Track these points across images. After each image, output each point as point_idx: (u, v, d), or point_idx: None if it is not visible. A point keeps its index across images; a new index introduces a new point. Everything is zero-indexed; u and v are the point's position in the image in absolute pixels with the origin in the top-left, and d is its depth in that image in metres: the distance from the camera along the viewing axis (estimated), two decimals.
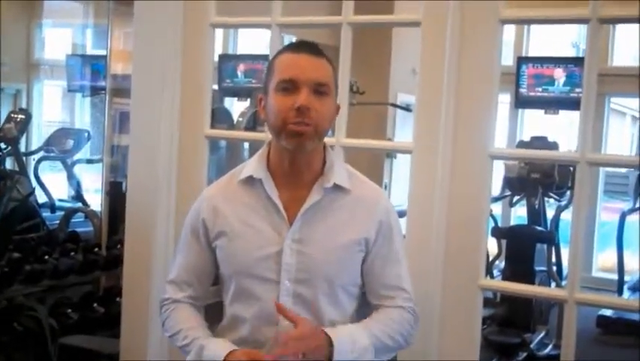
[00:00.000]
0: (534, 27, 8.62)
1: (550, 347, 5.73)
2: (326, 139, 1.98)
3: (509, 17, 2.52)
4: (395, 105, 7.73)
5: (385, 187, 7.34)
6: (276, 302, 1.87)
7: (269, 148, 1.99)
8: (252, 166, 1.98)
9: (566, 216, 5.10)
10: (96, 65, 6.67)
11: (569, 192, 6.00)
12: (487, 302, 4.08)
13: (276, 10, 2.77)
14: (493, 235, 6.11)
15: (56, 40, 8.60)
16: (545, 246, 6.04)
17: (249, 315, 1.96)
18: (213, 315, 2.14)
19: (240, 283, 1.97)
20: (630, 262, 7.63)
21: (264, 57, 4.32)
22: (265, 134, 2.00)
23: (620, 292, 6.85)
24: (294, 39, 3.40)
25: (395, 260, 2.02)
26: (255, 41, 7.91)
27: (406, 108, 7.41)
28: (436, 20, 2.50)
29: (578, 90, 5.27)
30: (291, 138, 1.85)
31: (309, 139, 1.86)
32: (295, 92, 1.84)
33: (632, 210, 7.11)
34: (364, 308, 2.07)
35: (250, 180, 1.97)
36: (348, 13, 2.64)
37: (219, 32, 6.90)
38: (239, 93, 6.53)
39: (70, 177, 7.23)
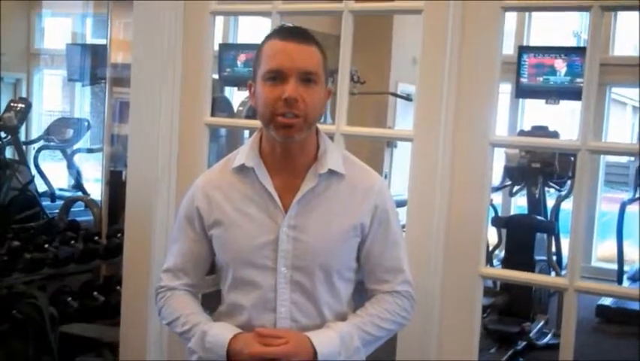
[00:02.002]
0: (535, 17, 8.61)
1: (549, 336, 5.75)
2: (326, 127, 1.96)
3: (511, 4, 2.51)
4: (396, 95, 7.72)
5: (386, 176, 7.35)
6: (256, 330, 1.87)
7: (261, 134, 1.97)
8: (244, 154, 1.96)
9: (567, 206, 5.10)
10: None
11: (569, 182, 6.00)
12: (487, 291, 4.08)
13: None
14: (493, 224, 6.11)
15: (56, 30, 8.60)
16: (545, 235, 6.05)
17: (247, 302, 1.95)
18: (211, 305, 2.13)
19: (237, 271, 1.96)
20: (630, 252, 7.64)
21: None
22: None
23: (619, 281, 6.87)
24: None
25: (392, 243, 2.01)
26: (255, 31, 7.90)
27: (407, 98, 7.40)
28: (438, 7, 2.49)
29: (578, 80, 5.27)
30: (280, 130, 1.83)
31: (299, 130, 1.84)
32: (283, 82, 1.81)
33: (632, 200, 7.12)
34: (360, 294, 2.07)
35: (243, 168, 1.96)
36: (349, 1, 2.63)
37: (219, 22, 6.90)
38: (239, 82, 6.52)
39: (70, 166, 7.25)
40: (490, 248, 6.02)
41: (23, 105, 7.09)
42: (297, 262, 1.91)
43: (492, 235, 6.00)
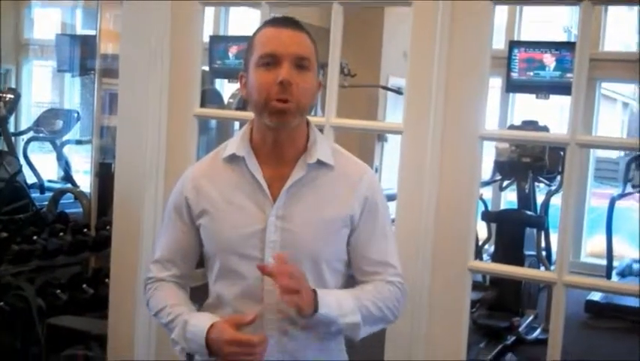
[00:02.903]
0: (526, 11, 8.61)
1: (538, 330, 5.76)
2: (315, 119, 1.96)
3: None
4: (386, 88, 7.72)
5: (376, 170, 7.35)
6: (258, 265, 1.84)
7: (251, 126, 1.97)
8: (235, 144, 1.96)
9: (556, 201, 5.10)
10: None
11: (559, 177, 6.01)
12: (476, 286, 4.09)
13: None
14: (483, 219, 6.12)
15: (46, 21, 8.55)
16: (535, 230, 6.06)
17: (234, 293, 1.95)
18: (200, 298, 2.12)
19: (224, 261, 1.96)
20: (619, 248, 7.67)
21: None
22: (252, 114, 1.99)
23: (608, 277, 6.87)
24: None
25: (381, 235, 2.01)
26: (245, 24, 7.88)
27: (398, 91, 7.39)
28: None
29: (569, 75, 5.26)
30: (274, 116, 1.83)
31: (292, 116, 1.84)
32: (277, 66, 1.82)
33: (621, 196, 7.13)
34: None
35: (233, 158, 1.96)
36: None
37: (210, 14, 6.88)
38: (230, 75, 6.50)
39: (60, 157, 7.21)
40: (480, 243, 6.02)
41: (12, 96, 7.06)
42: (285, 252, 1.90)
43: (482, 230, 6.00)
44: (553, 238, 6.18)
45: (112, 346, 3.11)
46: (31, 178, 6.71)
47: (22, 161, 6.71)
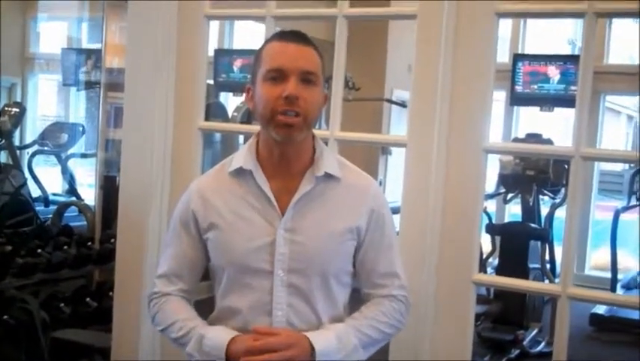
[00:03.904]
0: (530, 24, 8.63)
1: (542, 344, 5.75)
2: (320, 132, 1.97)
3: (506, 10, 2.51)
4: (391, 101, 7.73)
5: (380, 183, 7.34)
6: (253, 328, 1.86)
7: (257, 139, 1.98)
8: (242, 157, 1.97)
9: (560, 214, 5.10)
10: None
11: (563, 190, 6.00)
12: (480, 299, 4.08)
13: (271, 2, 2.76)
14: (487, 231, 6.11)
15: (51, 34, 8.59)
16: (539, 243, 6.05)
17: (243, 306, 1.95)
18: (204, 312, 2.12)
19: (232, 274, 1.96)
20: (623, 261, 7.64)
21: None
22: (258, 127, 1.99)
23: (613, 290, 6.86)
24: None
25: (387, 247, 2.02)
26: (250, 38, 7.91)
27: (402, 104, 7.40)
28: (432, 12, 2.49)
29: (573, 88, 5.27)
30: (280, 129, 1.84)
31: (298, 130, 1.85)
32: (283, 81, 1.83)
33: (625, 209, 7.12)
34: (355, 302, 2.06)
35: (240, 172, 1.96)
36: (343, 6, 2.63)
37: (214, 28, 6.89)
38: (234, 88, 6.52)
39: (64, 171, 7.22)
40: (484, 256, 6.02)
41: (18, 110, 7.08)
42: (294, 265, 1.91)
43: (486, 243, 5.99)
44: (558, 251, 6.17)
45: (116, 359, 3.11)
46: (35, 191, 6.72)
47: (26, 174, 6.73)
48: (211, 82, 6.27)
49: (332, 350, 1.86)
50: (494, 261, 6.55)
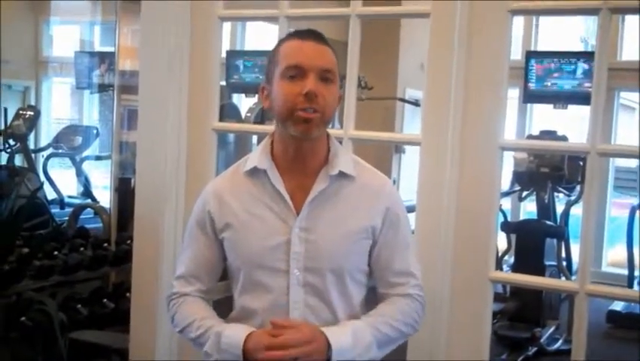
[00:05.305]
0: (543, 22, 8.59)
1: (560, 341, 5.72)
2: (334, 131, 1.98)
3: (519, 7, 2.49)
4: (404, 100, 7.72)
5: (394, 182, 7.32)
6: (271, 320, 1.86)
7: (272, 138, 1.99)
8: (256, 157, 1.98)
9: (576, 211, 5.07)
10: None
11: (578, 187, 5.97)
12: (497, 297, 4.07)
13: (284, 2, 2.77)
14: (502, 229, 6.08)
15: (64, 38, 8.62)
16: (555, 241, 6.02)
17: (260, 306, 1.96)
18: (223, 311, 2.12)
19: (249, 274, 1.97)
20: None
21: None
22: (272, 127, 2.00)
23: (630, 286, 6.81)
24: None
25: (403, 246, 2.02)
26: (262, 39, 7.91)
27: (415, 103, 7.40)
28: (446, 11, 2.48)
29: (586, 85, 5.24)
30: (299, 125, 1.85)
31: (316, 126, 1.86)
32: (302, 78, 1.84)
33: None
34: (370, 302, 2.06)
35: (255, 171, 1.97)
36: (356, 5, 2.63)
37: (227, 30, 6.90)
38: (247, 89, 6.52)
39: (79, 173, 7.25)
40: (500, 253, 6.00)
41: (32, 113, 7.11)
42: (309, 264, 1.91)
43: (501, 241, 5.97)
44: (574, 248, 6.15)
45: (133, 360, 3.12)
46: (51, 194, 6.75)
47: (42, 177, 6.76)
48: (223, 83, 6.28)
49: (348, 345, 1.87)
50: (510, 259, 6.53)
